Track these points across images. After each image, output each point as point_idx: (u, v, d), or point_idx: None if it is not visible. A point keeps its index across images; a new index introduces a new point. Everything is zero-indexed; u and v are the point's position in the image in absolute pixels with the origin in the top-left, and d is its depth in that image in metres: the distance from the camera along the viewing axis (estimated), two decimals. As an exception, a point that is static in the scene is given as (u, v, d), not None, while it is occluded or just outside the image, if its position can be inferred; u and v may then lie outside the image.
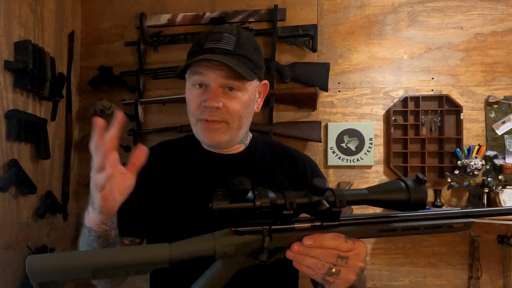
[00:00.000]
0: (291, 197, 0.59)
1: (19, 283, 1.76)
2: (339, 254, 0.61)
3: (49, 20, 2.01)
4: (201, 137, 0.87)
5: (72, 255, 0.58)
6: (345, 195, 0.60)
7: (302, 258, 0.61)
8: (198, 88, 0.85)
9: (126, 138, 2.19)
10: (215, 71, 0.82)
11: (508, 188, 1.89)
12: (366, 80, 2.14)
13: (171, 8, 2.26)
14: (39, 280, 0.55)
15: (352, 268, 0.62)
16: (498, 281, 1.98)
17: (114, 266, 0.57)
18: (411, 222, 0.63)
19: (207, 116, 0.83)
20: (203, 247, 0.60)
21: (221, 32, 0.84)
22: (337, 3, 2.18)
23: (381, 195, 0.62)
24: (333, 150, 2.12)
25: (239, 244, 0.60)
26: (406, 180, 0.62)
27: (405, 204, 0.61)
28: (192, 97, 0.86)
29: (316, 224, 0.62)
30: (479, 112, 2.05)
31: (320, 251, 0.60)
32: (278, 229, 0.61)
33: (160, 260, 0.58)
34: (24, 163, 1.77)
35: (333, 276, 0.61)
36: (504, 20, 2.05)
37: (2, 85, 1.66)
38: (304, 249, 0.60)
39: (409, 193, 0.61)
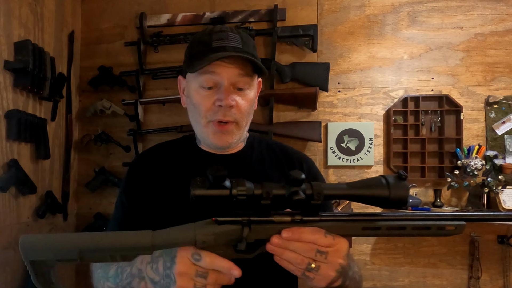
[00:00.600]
0: (268, 187, 0.60)
1: (19, 283, 1.76)
2: (318, 249, 0.61)
3: (49, 20, 2.01)
4: (212, 139, 0.86)
5: (62, 236, 0.61)
6: (323, 188, 0.60)
7: (281, 252, 0.61)
8: (208, 89, 0.83)
9: (126, 138, 2.19)
10: (228, 69, 0.81)
11: (508, 188, 1.89)
12: (366, 80, 2.14)
13: (171, 8, 2.26)
14: (30, 258, 0.58)
15: (332, 264, 0.62)
16: (498, 281, 1.98)
17: (100, 249, 0.59)
18: (397, 221, 0.62)
19: (221, 116, 0.82)
20: (184, 235, 0.62)
21: (225, 31, 0.84)
22: (337, 3, 2.18)
23: (361, 190, 0.62)
24: (333, 150, 2.12)
25: (218, 234, 0.61)
26: (387, 176, 0.61)
27: (385, 200, 0.60)
28: (201, 99, 0.84)
29: (296, 218, 0.62)
30: (479, 112, 2.05)
31: (299, 245, 0.60)
32: (257, 221, 0.62)
33: (143, 246, 0.61)
34: (24, 163, 1.77)
35: (313, 271, 0.61)
36: (504, 20, 2.05)
37: (2, 85, 1.66)
38: (283, 241, 0.60)
39: (389, 190, 0.60)
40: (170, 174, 0.92)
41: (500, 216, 0.65)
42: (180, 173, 0.91)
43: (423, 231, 0.62)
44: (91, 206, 2.25)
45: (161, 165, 0.94)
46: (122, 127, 2.22)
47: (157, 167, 0.94)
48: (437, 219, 0.62)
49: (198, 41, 0.85)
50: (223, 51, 0.80)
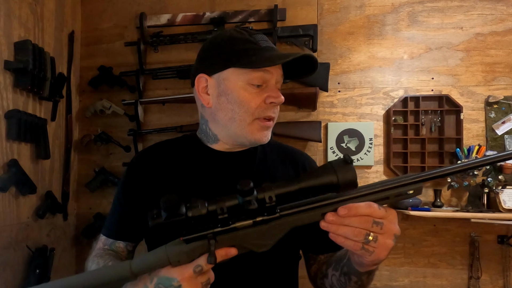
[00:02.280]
0: (221, 202, 0.61)
1: (19, 283, 1.76)
2: (374, 220, 0.61)
3: (49, 20, 2.01)
4: (255, 135, 0.87)
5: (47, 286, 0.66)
6: (273, 190, 0.61)
7: (336, 228, 0.62)
8: (257, 87, 0.85)
9: (126, 138, 2.19)
10: (277, 70, 0.87)
11: (508, 188, 1.89)
12: (366, 80, 2.14)
13: (171, 8, 2.26)
14: None
15: (388, 232, 0.63)
16: (498, 281, 1.98)
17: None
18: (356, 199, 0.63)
19: (271, 113, 0.87)
20: (159, 259, 0.64)
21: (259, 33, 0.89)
22: (337, 3, 2.18)
23: (310, 181, 0.62)
24: (333, 150, 2.12)
25: (189, 251, 0.64)
26: (332, 162, 0.62)
27: (335, 186, 0.61)
28: (251, 96, 0.85)
29: (257, 220, 0.63)
30: (479, 112, 2.05)
31: (356, 219, 0.61)
32: (221, 231, 0.63)
33: (124, 276, 0.64)
34: (24, 163, 1.77)
35: (371, 243, 0.62)
36: (504, 20, 2.05)
37: (2, 85, 1.66)
38: (338, 218, 0.61)
39: (336, 175, 0.60)
40: (175, 172, 0.92)
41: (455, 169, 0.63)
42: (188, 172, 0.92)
43: (384, 201, 0.64)
44: (91, 206, 2.25)
45: (162, 164, 0.94)
46: (122, 127, 2.22)
47: (158, 165, 0.94)
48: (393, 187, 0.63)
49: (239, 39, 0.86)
50: (275, 52, 0.85)
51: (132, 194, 0.94)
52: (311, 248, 0.96)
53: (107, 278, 0.63)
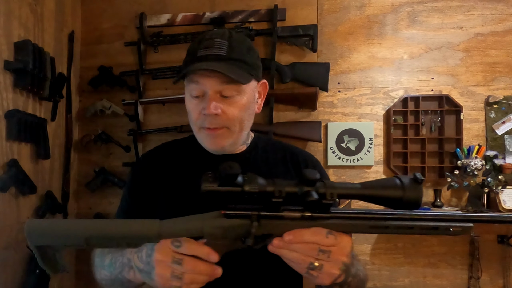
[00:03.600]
0: (280, 185, 0.60)
1: (19, 283, 1.76)
2: (320, 248, 0.61)
3: (49, 20, 2.01)
4: (205, 143, 0.88)
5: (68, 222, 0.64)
6: (336, 187, 0.60)
7: (283, 253, 0.62)
8: (196, 98, 0.86)
9: (126, 138, 2.19)
10: (210, 79, 0.82)
11: (508, 188, 1.89)
12: (366, 80, 2.14)
13: (171, 8, 2.26)
14: (35, 243, 0.59)
15: (335, 262, 0.62)
16: (498, 281, 1.98)
17: (106, 236, 0.60)
18: (405, 221, 0.62)
19: (208, 124, 0.84)
20: (192, 227, 0.62)
21: (213, 38, 0.85)
22: (337, 3, 2.18)
23: (374, 190, 0.62)
24: (333, 150, 2.12)
25: (227, 227, 0.62)
26: (402, 178, 0.61)
27: (398, 202, 0.60)
28: (191, 107, 0.87)
29: (306, 215, 0.62)
30: (479, 112, 2.05)
31: (301, 246, 0.61)
32: (267, 216, 0.62)
33: (149, 235, 0.61)
34: (24, 163, 1.77)
35: (316, 270, 0.62)
36: (504, 20, 2.05)
37: (2, 85, 1.66)
38: (284, 244, 0.61)
39: (403, 191, 0.60)
40: (174, 173, 0.93)
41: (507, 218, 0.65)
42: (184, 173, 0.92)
43: (431, 231, 0.63)
44: (91, 206, 2.25)
45: (165, 164, 0.95)
46: (122, 127, 2.22)
47: (161, 166, 0.95)
48: (445, 220, 0.62)
49: (191, 49, 0.88)
50: (204, 61, 0.82)
51: (137, 193, 0.95)
52: None
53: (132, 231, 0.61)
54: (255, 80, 0.89)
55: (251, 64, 0.86)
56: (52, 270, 0.62)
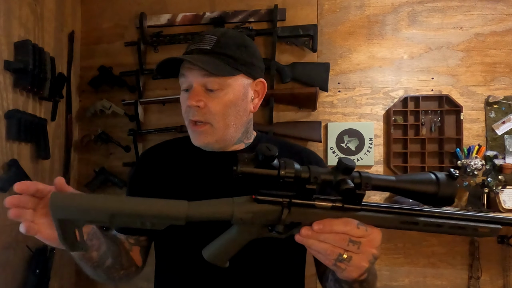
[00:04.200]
0: (316, 172, 0.59)
1: (19, 283, 1.76)
2: (350, 239, 0.59)
3: (49, 20, 2.01)
4: (192, 139, 0.90)
5: (93, 197, 0.59)
6: (371, 178, 0.59)
7: (311, 243, 0.60)
8: (186, 92, 0.88)
9: (126, 138, 2.19)
10: (192, 71, 0.84)
11: (508, 188, 1.89)
12: (366, 80, 2.14)
13: (171, 8, 2.26)
14: (58, 216, 0.57)
15: (365, 254, 0.61)
16: (498, 281, 1.98)
17: (132, 214, 0.58)
18: (436, 218, 0.61)
19: (191, 117, 0.86)
20: (222, 210, 0.61)
21: (204, 34, 0.87)
22: (337, 3, 2.18)
23: (409, 184, 0.61)
24: (333, 150, 2.12)
25: (257, 212, 0.60)
26: (437, 173, 0.60)
27: (433, 197, 0.60)
28: (181, 100, 0.90)
29: (337, 205, 0.61)
30: (479, 112, 2.05)
31: (331, 236, 0.59)
32: (298, 204, 0.61)
33: (177, 215, 0.59)
34: (24, 163, 1.77)
35: (344, 262, 0.60)
36: (504, 20, 2.05)
37: (2, 85, 1.66)
38: (313, 233, 0.60)
39: (438, 187, 0.59)
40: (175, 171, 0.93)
41: None
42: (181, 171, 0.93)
43: (458, 230, 0.62)
44: (91, 206, 2.25)
45: (166, 162, 0.96)
46: (122, 127, 2.22)
47: (163, 164, 0.96)
48: (473, 220, 0.62)
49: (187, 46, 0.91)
50: (190, 54, 0.84)
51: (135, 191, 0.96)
52: None
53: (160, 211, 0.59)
54: (246, 76, 0.88)
55: (239, 60, 0.85)
56: (70, 247, 0.60)
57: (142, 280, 2.01)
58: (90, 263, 0.77)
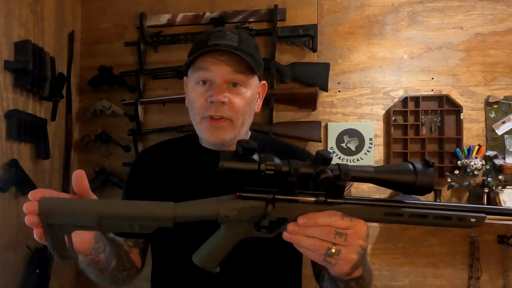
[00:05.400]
0: (296, 164, 0.59)
1: (19, 283, 1.76)
2: (336, 231, 0.59)
3: (49, 20, 2.01)
4: (206, 135, 0.87)
5: (82, 201, 0.59)
6: (350, 169, 0.60)
7: (299, 239, 0.60)
8: (202, 85, 0.85)
9: (126, 138, 2.19)
10: (220, 66, 0.82)
11: (508, 188, 1.89)
12: (366, 80, 2.14)
13: (171, 8, 2.26)
14: (48, 221, 0.56)
15: (353, 246, 0.61)
16: (498, 281, 1.98)
17: (119, 216, 0.58)
18: (420, 209, 0.62)
19: (213, 112, 0.83)
20: (207, 209, 0.61)
21: (223, 31, 0.85)
22: (337, 3, 2.18)
23: (387, 174, 0.61)
24: (333, 150, 2.12)
25: (241, 209, 0.61)
26: (414, 163, 0.61)
27: (411, 186, 0.60)
28: (196, 95, 0.86)
29: (320, 199, 0.61)
30: (479, 112, 2.05)
31: (316, 230, 0.59)
32: (282, 199, 0.61)
33: (164, 216, 0.59)
34: (24, 163, 1.77)
35: (334, 256, 0.60)
36: (504, 20, 2.05)
37: (2, 85, 1.66)
38: (299, 228, 0.60)
39: (416, 176, 0.59)
40: (171, 172, 0.93)
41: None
42: (181, 171, 0.92)
43: (444, 221, 0.62)
44: (91, 206, 2.25)
45: (162, 163, 0.95)
46: (122, 127, 2.22)
47: (159, 164, 0.95)
48: (458, 210, 0.62)
49: (198, 40, 0.87)
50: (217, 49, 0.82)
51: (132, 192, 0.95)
52: None
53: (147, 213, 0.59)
54: (258, 78, 0.90)
55: (258, 61, 0.87)
56: (60, 256, 0.59)
57: (142, 281, 2.00)
58: (97, 266, 0.77)
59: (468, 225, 0.63)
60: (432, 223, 0.63)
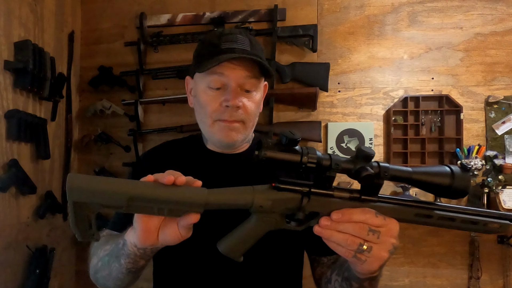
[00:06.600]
0: (337, 159, 0.60)
1: (19, 283, 1.76)
2: (370, 228, 0.59)
3: (49, 20, 2.01)
4: (218, 136, 0.87)
5: (112, 180, 0.58)
6: (389, 168, 0.60)
7: (330, 234, 0.60)
8: (215, 90, 0.85)
9: (126, 138, 2.19)
10: (235, 71, 0.83)
11: (508, 188, 1.89)
12: (366, 80, 2.14)
13: (171, 8, 2.26)
14: (74, 198, 0.55)
15: (385, 244, 0.60)
16: (498, 281, 1.98)
17: (150, 198, 0.57)
18: (449, 212, 0.63)
19: (228, 117, 0.84)
20: (241, 197, 0.61)
21: (235, 34, 0.86)
22: (337, 3, 2.18)
23: (425, 176, 0.62)
24: (333, 150, 2.12)
25: (276, 200, 0.61)
26: (451, 166, 0.62)
27: (447, 189, 0.61)
28: (209, 99, 0.86)
29: (354, 196, 0.62)
30: (479, 112, 2.05)
31: (350, 225, 0.59)
32: (317, 193, 0.61)
33: (196, 201, 0.58)
34: (24, 163, 1.77)
35: (365, 253, 0.59)
36: (504, 20, 2.05)
37: (2, 85, 1.66)
38: (332, 223, 0.59)
39: (453, 179, 0.60)
40: None
41: None
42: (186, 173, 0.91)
43: (470, 225, 0.63)
44: (91, 206, 2.25)
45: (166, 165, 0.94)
46: (122, 127, 2.22)
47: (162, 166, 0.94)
48: (485, 215, 0.63)
49: (208, 42, 0.87)
50: (232, 53, 0.82)
51: None
52: (314, 250, 0.95)
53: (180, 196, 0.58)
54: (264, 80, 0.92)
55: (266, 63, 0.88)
56: (82, 235, 0.58)
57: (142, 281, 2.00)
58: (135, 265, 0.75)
59: (492, 230, 0.64)
60: (459, 226, 0.64)
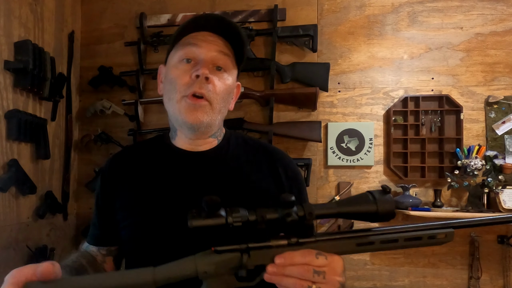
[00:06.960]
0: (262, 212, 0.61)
1: (19, 283, 1.76)
2: (314, 269, 0.60)
3: (49, 20, 2.01)
4: (183, 115, 0.83)
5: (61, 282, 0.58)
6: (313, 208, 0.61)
7: (280, 279, 0.61)
8: (187, 63, 0.83)
9: (126, 138, 2.19)
10: (210, 45, 0.82)
11: (508, 188, 1.89)
12: (366, 80, 2.14)
13: (171, 8, 2.26)
14: None
15: (331, 283, 0.61)
16: (498, 281, 1.98)
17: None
18: (389, 234, 0.64)
19: (197, 88, 0.80)
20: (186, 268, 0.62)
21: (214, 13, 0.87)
22: (337, 3, 2.18)
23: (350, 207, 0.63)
24: (333, 150, 2.12)
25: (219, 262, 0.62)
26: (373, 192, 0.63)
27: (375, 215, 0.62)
28: (179, 72, 0.83)
29: (292, 241, 0.63)
30: (479, 112, 2.05)
31: (295, 269, 0.60)
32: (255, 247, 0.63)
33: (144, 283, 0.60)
34: (24, 163, 1.77)
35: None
36: (504, 20, 2.05)
37: (2, 85, 1.66)
38: (278, 268, 0.60)
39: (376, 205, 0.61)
40: (143, 175, 0.89)
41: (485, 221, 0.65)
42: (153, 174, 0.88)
43: (415, 241, 0.64)
44: (91, 206, 2.23)
45: (131, 169, 0.91)
46: (122, 127, 2.22)
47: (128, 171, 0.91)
48: (427, 229, 0.64)
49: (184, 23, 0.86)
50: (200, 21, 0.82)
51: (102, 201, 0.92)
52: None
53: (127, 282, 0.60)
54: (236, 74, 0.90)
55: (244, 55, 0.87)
56: None
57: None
58: None
59: (440, 241, 0.64)
60: (404, 245, 0.64)
